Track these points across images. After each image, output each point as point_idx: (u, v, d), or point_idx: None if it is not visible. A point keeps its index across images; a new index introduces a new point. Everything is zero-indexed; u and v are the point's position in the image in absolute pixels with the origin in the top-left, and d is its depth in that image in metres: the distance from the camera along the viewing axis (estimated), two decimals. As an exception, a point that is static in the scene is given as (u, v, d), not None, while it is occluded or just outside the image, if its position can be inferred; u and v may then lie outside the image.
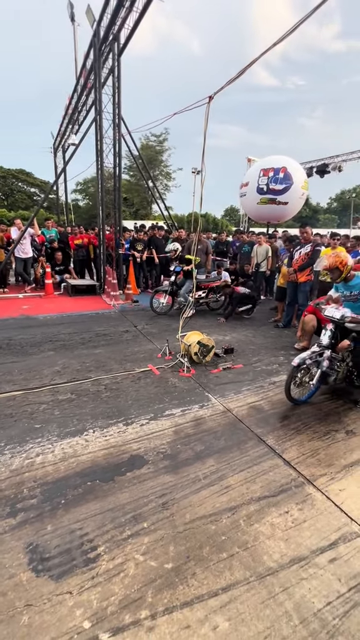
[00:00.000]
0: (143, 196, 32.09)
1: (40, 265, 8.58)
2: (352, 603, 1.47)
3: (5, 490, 2.04)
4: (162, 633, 1.34)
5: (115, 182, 7.94)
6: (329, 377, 3.15)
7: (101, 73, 7.24)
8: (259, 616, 1.41)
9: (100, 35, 6.83)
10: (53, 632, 1.33)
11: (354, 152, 14.18)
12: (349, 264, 3.00)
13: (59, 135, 13.97)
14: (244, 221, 18.58)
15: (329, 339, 3.04)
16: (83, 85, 8.86)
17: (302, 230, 5.32)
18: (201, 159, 3.37)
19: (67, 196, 16.98)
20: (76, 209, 33.35)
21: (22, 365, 3.91)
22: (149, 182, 11.89)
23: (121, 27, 6.43)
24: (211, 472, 2.24)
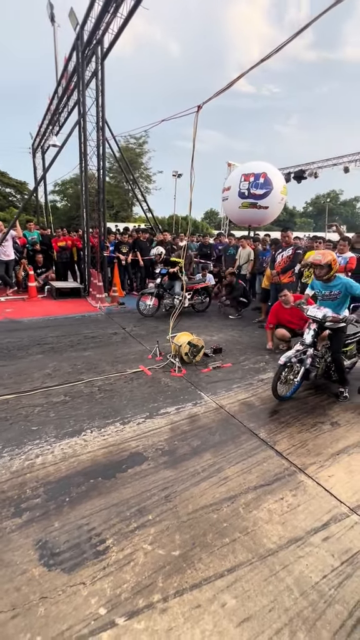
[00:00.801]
0: (123, 198, 31.99)
1: (22, 267, 8.41)
2: (345, 575, 1.62)
3: (8, 492, 2.06)
4: (175, 613, 1.42)
5: (99, 185, 7.94)
6: (310, 373, 3.33)
7: (84, 76, 7.25)
8: (262, 592, 1.52)
9: (83, 39, 6.84)
10: (70, 620, 1.38)
11: (329, 159, 14.86)
12: (338, 265, 3.20)
13: (39, 135, 13.73)
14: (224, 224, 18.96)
15: (312, 337, 3.20)
16: (65, 86, 8.81)
17: (284, 234, 5.57)
18: (190, 165, 3.50)
19: (47, 197, 16.70)
20: (54, 210, 32.70)
21: (11, 369, 3.87)
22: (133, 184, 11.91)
23: (105, 32, 6.48)
24: (209, 465, 2.35)
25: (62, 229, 9.34)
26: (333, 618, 1.43)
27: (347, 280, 3.19)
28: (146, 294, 6.56)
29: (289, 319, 4.45)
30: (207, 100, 3.20)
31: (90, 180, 8.05)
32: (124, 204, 33.01)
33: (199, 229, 37.08)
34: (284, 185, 10.65)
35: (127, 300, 7.89)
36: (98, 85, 7.22)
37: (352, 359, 3.79)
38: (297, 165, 15.19)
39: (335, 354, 3.29)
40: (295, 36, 2.32)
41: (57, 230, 9.44)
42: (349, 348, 3.65)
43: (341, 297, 3.21)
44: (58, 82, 9.43)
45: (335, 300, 3.24)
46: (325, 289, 3.28)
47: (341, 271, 5.51)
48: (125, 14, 5.89)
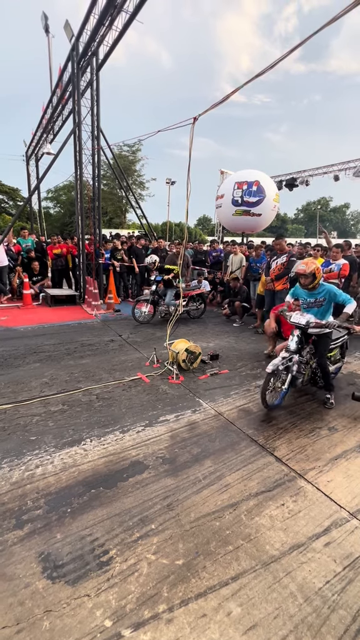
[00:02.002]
0: (117, 205, 32.11)
1: (17, 275, 8.37)
2: (348, 580, 1.64)
3: (9, 504, 2.04)
4: (181, 623, 1.42)
5: (94, 193, 7.98)
6: (297, 380, 3.34)
7: (80, 86, 7.34)
8: (267, 599, 1.53)
9: (79, 50, 6.94)
10: (76, 633, 1.37)
11: (319, 167, 15.20)
12: (322, 273, 3.29)
13: (32, 143, 13.78)
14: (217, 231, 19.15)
15: (296, 344, 3.23)
16: (60, 96, 8.89)
17: (276, 242, 5.67)
18: (187, 176, 3.56)
19: (40, 205, 16.69)
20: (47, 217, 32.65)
21: (8, 378, 3.84)
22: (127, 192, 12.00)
23: (100, 44, 6.59)
24: (210, 473, 2.36)
25: (57, 236, 9.34)
26: (337, 623, 1.44)
27: (330, 287, 3.24)
28: (141, 300, 6.58)
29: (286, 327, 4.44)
30: (203, 113, 3.27)
31: (85, 188, 8.10)
32: (118, 211, 33.13)
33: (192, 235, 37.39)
34: (277, 193, 10.84)
35: (122, 307, 7.89)
36: (93, 95, 7.31)
37: (336, 364, 3.83)
38: (289, 174, 15.51)
39: (321, 359, 3.32)
40: (289, 53, 2.41)
41: (52, 237, 9.43)
42: (333, 353, 3.69)
43: (325, 303, 3.27)
44: (53, 92, 9.52)
45: (320, 308, 3.30)
46: (310, 296, 3.33)
47: (334, 277, 5.63)
48: (121, 27, 6.01)
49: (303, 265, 3.16)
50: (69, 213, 32.72)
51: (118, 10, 5.77)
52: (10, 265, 8.34)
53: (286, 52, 2.39)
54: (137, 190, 33.24)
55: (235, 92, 2.86)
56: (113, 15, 5.90)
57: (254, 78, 2.61)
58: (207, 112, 3.24)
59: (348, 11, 2.20)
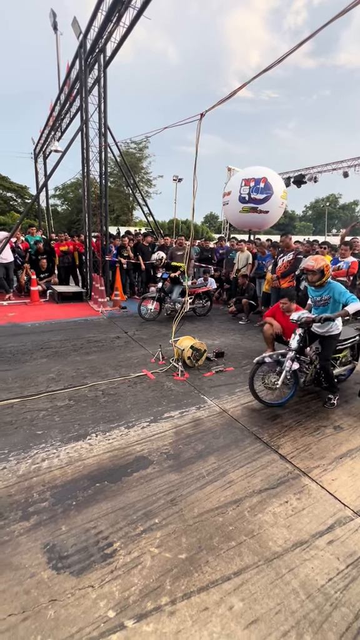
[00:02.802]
0: (124, 202, 32.15)
1: (24, 272, 8.46)
2: (351, 577, 1.63)
3: (15, 495, 2.08)
4: (183, 616, 1.44)
5: (101, 190, 8.01)
6: (299, 379, 3.30)
7: (87, 83, 7.35)
8: (269, 595, 1.54)
9: (86, 47, 6.95)
10: (80, 623, 1.40)
11: (328, 164, 14.99)
12: (331, 270, 3.23)
13: (40, 141, 13.86)
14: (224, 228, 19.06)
15: (297, 342, 3.19)
16: (67, 93, 8.92)
17: (282, 238, 5.60)
18: (193, 172, 3.55)
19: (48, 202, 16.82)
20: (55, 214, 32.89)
21: (16, 373, 3.90)
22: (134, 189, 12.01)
23: (107, 40, 6.58)
24: (213, 469, 2.37)
25: (64, 233, 9.40)
26: (340, 620, 1.44)
27: (335, 285, 3.18)
28: (148, 298, 6.60)
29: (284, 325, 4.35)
30: (210, 109, 3.25)
31: (92, 186, 8.13)
32: (125, 208, 33.18)
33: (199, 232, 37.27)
34: (284, 190, 10.73)
35: (128, 304, 7.92)
36: (100, 92, 7.32)
37: (346, 365, 3.74)
38: (297, 170, 15.32)
39: (324, 361, 3.24)
40: (298, 46, 2.38)
41: (59, 234, 9.50)
42: (343, 354, 3.61)
43: (331, 302, 3.21)
44: (60, 89, 9.55)
45: (326, 306, 3.25)
46: (317, 294, 3.29)
47: (342, 275, 5.57)
48: (128, 23, 6.00)
49: (312, 262, 3.12)
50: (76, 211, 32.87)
51: (125, 7, 5.75)
52: (18, 262, 8.43)
53: (295, 46, 2.36)
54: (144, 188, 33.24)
55: (242, 88, 2.83)
56: (120, 12, 5.89)
57: (261, 73, 2.59)
58: (214, 107, 3.21)
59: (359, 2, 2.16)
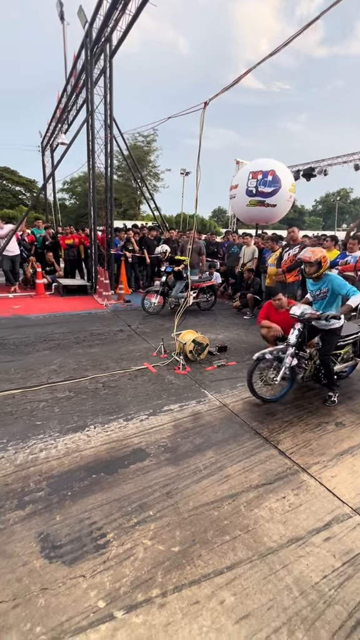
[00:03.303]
0: (132, 196, 32.04)
1: (30, 265, 8.51)
2: (346, 576, 1.60)
3: (12, 484, 2.09)
4: (173, 609, 1.43)
5: (106, 183, 7.96)
6: (297, 375, 3.23)
7: (93, 74, 7.27)
8: (262, 590, 1.52)
9: (92, 37, 6.85)
10: (70, 611, 1.40)
11: (339, 156, 14.64)
12: (328, 262, 3.13)
13: (48, 134, 13.84)
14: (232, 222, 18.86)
15: (296, 337, 3.12)
16: (74, 85, 8.85)
17: (290, 230, 5.49)
18: (197, 162, 3.48)
19: (55, 196, 16.84)
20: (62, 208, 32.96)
21: (18, 364, 3.92)
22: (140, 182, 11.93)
23: (113, 29, 6.48)
24: (211, 463, 2.35)
25: (70, 226, 9.40)
26: (332, 618, 1.42)
27: (333, 277, 3.10)
28: (151, 291, 6.57)
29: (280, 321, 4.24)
30: (213, 97, 3.18)
31: (98, 179, 8.09)
32: (132, 202, 33.08)
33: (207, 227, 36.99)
34: (293, 183, 10.54)
35: (133, 298, 7.91)
36: (106, 83, 7.23)
37: (348, 362, 3.65)
38: (306, 163, 15.01)
39: (323, 357, 3.16)
40: (305, 28, 2.29)
41: (64, 228, 9.51)
42: (344, 350, 3.52)
43: (330, 295, 3.12)
44: (67, 80, 9.48)
45: (324, 299, 3.17)
46: (315, 287, 3.21)
47: (350, 270, 5.45)
48: (134, 11, 5.89)
49: (309, 253, 3.04)
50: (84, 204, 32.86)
51: (132, -7, 5.64)
52: (24, 255, 8.46)
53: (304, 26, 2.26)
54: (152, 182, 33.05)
55: (246, 74, 2.75)
56: (126, -1, 5.78)
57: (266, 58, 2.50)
58: (218, 96, 3.13)
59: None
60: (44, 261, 8.75)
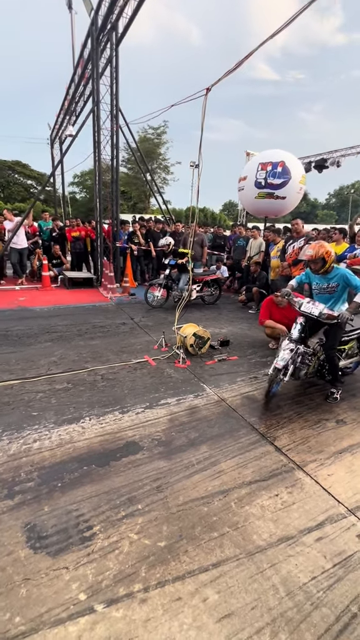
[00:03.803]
0: (141, 189, 31.87)
1: (37, 257, 8.56)
2: (336, 578, 1.54)
3: (3, 474, 2.09)
4: (155, 604, 1.40)
5: (112, 174, 7.90)
6: (300, 371, 3.12)
7: (99, 63, 7.16)
8: (247, 589, 1.48)
9: (98, 24, 6.73)
10: (50, 603, 1.39)
11: (353, 147, 14.14)
12: (333, 255, 3.00)
13: (56, 126, 13.81)
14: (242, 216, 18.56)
15: (299, 332, 3.01)
16: (80, 75, 8.76)
17: (294, 222, 5.32)
18: (198, 150, 3.38)
19: (65, 189, 16.87)
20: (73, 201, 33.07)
21: (19, 356, 3.95)
22: (147, 175, 11.82)
23: (119, 16, 6.34)
24: (204, 458, 2.31)
25: (76, 219, 9.39)
26: (319, 621, 1.37)
27: (344, 272, 2.98)
28: (155, 285, 6.52)
29: (282, 317, 4.13)
30: (215, 82, 3.06)
31: (106, 172, 8.03)
32: (142, 195, 32.92)
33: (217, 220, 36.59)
34: (303, 175, 10.24)
35: (138, 291, 7.88)
36: (112, 72, 7.12)
37: (352, 357, 3.53)
38: (319, 154, 14.58)
39: (329, 351, 3.06)
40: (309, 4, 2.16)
41: (71, 220, 9.51)
42: (349, 346, 3.40)
43: (339, 289, 3.02)
44: (74, 70, 9.39)
45: (332, 294, 3.06)
46: (323, 281, 3.10)
47: (359, 263, 5.28)
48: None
49: (310, 250, 2.91)
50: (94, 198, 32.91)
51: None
52: (30, 248, 8.51)
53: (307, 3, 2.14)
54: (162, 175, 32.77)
55: (248, 57, 2.63)
56: (132, -16, 5.64)
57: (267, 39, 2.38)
58: (220, 81, 3.02)
59: None
60: (51, 254, 8.78)
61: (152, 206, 34.24)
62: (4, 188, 34.93)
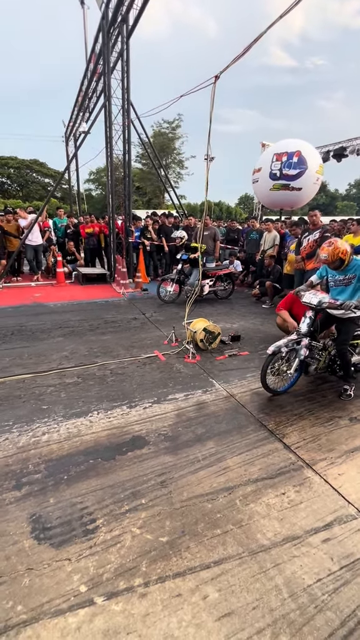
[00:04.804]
0: (156, 185, 31.78)
1: (51, 254, 8.70)
2: (343, 581, 1.49)
3: (12, 466, 2.14)
4: (154, 599, 1.40)
5: (125, 169, 7.89)
6: (310, 366, 3.05)
7: (110, 57, 7.13)
8: (248, 589, 1.45)
9: (108, 18, 6.69)
10: (51, 593, 1.41)
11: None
12: (349, 250, 2.88)
13: (71, 123, 13.92)
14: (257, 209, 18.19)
15: (308, 326, 2.93)
16: (93, 70, 8.75)
17: (312, 214, 5.14)
18: (207, 141, 3.31)
19: (79, 185, 17.05)
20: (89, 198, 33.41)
21: (32, 350, 4.03)
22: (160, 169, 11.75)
23: (130, 8, 6.27)
24: (210, 454, 2.28)
25: (90, 215, 9.46)
26: (322, 625, 1.32)
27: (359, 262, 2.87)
28: (167, 280, 6.49)
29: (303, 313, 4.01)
30: (224, 69, 2.97)
31: (117, 167, 8.03)
32: (157, 191, 32.84)
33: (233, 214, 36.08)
34: (320, 165, 9.87)
35: (151, 286, 7.88)
36: (123, 66, 7.07)
37: None
38: (338, 142, 14.02)
39: (341, 346, 2.96)
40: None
41: (85, 217, 9.60)
42: None
43: (355, 281, 2.91)
44: (87, 66, 9.40)
45: (348, 285, 2.95)
46: (339, 274, 3.00)
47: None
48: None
49: (324, 254, 2.81)
50: (109, 194, 33.11)
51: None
52: (44, 245, 8.65)
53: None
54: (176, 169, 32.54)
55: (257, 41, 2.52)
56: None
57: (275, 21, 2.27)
58: (229, 68, 2.93)
59: None
60: (65, 250, 8.90)
61: (166, 201, 34.13)
62: (22, 187, 35.68)
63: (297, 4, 2.11)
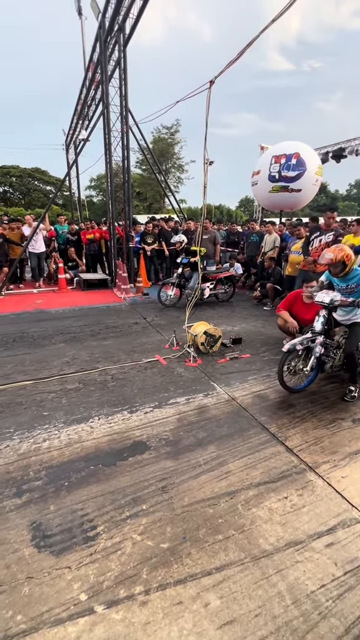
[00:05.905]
0: (156, 190, 31.99)
1: (53, 260, 8.76)
2: (347, 586, 1.46)
3: (13, 473, 2.14)
4: (155, 608, 1.38)
5: (124, 176, 7.95)
6: (326, 364, 3.06)
7: (107, 65, 7.22)
8: (251, 595, 1.42)
9: (105, 27, 6.79)
10: (51, 602, 1.39)
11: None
12: (353, 257, 2.90)
13: (70, 131, 14.08)
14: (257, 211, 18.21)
15: (322, 325, 2.94)
16: (91, 79, 8.87)
17: (329, 215, 5.04)
18: (204, 145, 3.33)
19: (80, 192, 17.20)
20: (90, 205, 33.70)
21: (33, 357, 4.04)
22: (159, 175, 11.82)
23: (126, 17, 6.36)
24: (212, 458, 2.26)
25: (91, 221, 9.53)
26: (327, 632, 1.30)
27: None
28: (168, 284, 6.50)
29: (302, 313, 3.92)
30: (219, 74, 2.99)
31: (117, 173, 8.10)
32: (157, 196, 33.04)
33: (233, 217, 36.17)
34: (319, 166, 9.91)
35: (152, 290, 7.89)
36: (121, 74, 7.16)
37: None
38: (336, 143, 14.05)
39: (348, 348, 2.97)
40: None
41: (85, 223, 9.66)
42: None
43: (358, 290, 2.95)
44: (85, 75, 9.52)
45: (352, 294, 2.97)
46: (343, 283, 3.03)
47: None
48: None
49: (330, 254, 2.82)
50: (110, 200, 33.35)
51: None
52: (46, 252, 8.71)
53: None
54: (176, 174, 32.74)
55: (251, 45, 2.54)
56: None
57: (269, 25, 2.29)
58: (223, 72, 2.95)
59: None
60: (67, 257, 8.96)
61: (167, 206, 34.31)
62: (24, 195, 36.07)
63: (289, 7, 2.12)
